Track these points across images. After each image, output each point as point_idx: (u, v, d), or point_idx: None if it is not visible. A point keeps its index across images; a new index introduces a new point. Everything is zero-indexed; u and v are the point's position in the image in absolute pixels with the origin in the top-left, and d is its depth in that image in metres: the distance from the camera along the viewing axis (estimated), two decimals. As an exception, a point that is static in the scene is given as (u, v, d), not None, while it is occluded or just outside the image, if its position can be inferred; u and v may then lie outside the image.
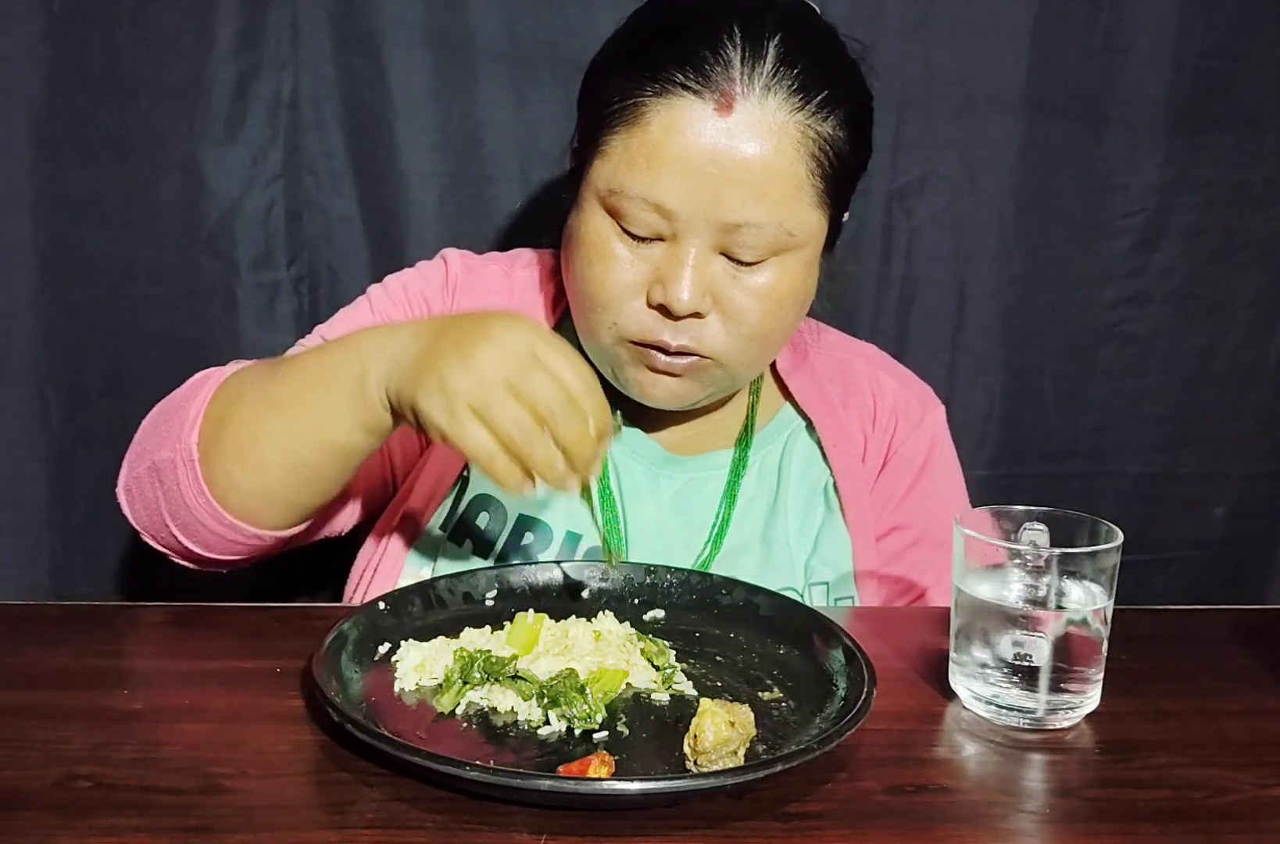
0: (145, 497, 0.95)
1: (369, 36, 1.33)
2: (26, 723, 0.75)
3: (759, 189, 0.94)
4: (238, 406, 0.91)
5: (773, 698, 0.81)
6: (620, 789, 0.65)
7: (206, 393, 0.93)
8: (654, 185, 0.94)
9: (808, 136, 0.95)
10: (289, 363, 0.93)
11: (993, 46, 1.39)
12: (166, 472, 0.92)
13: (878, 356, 1.21)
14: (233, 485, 0.90)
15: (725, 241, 0.95)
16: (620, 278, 0.97)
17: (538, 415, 0.80)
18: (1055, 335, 1.49)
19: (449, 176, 1.38)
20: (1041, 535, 0.82)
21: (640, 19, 1.02)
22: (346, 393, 0.87)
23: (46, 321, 1.36)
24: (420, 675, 0.81)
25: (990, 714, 0.79)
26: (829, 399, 1.14)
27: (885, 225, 1.44)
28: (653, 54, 0.95)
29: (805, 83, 0.94)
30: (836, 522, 1.12)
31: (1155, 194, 1.45)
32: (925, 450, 1.16)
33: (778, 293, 0.98)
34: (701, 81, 0.93)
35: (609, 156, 0.97)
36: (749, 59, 0.93)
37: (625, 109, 0.95)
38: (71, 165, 1.33)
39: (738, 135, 0.93)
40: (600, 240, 0.98)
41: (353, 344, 0.90)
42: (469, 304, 1.10)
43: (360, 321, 1.07)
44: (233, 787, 0.69)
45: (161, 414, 0.97)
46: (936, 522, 1.11)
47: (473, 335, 0.82)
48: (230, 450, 0.90)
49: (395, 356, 0.85)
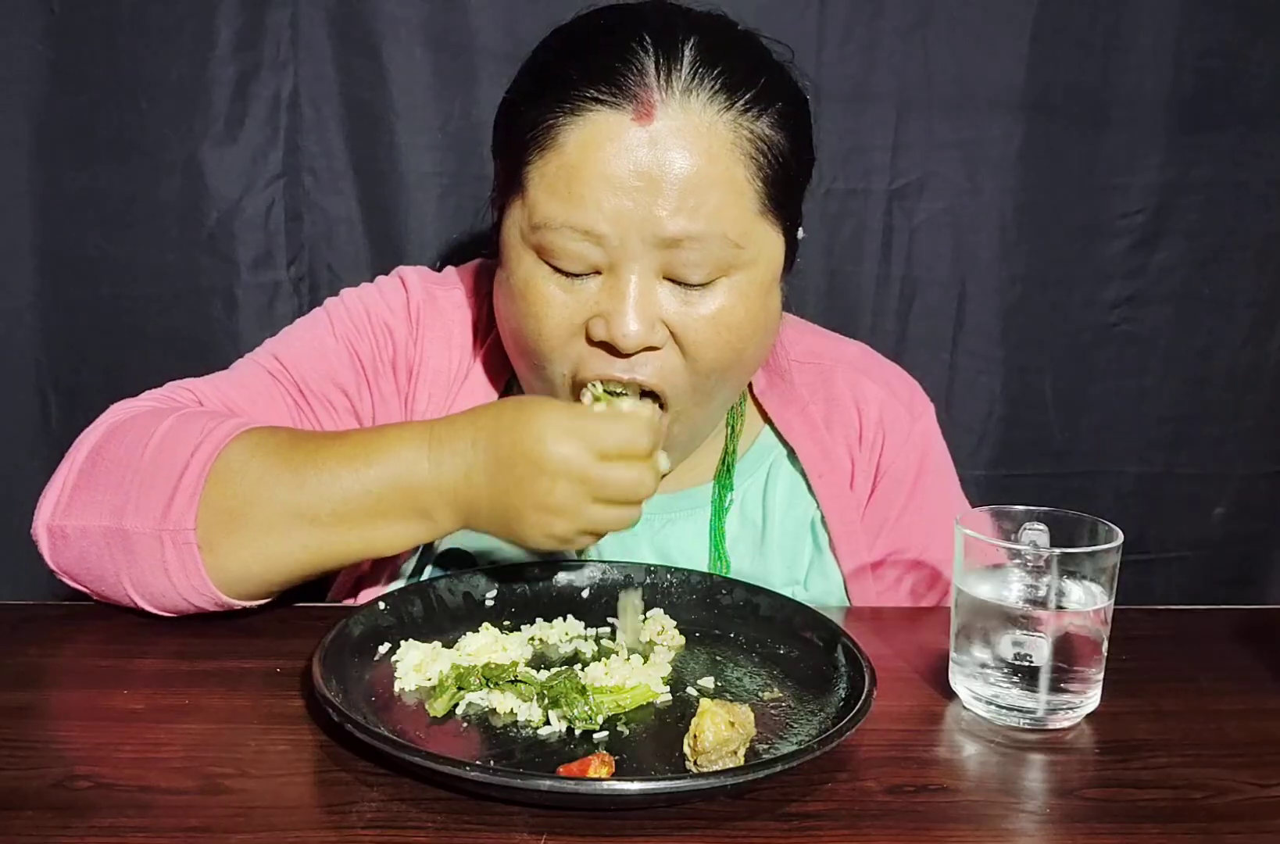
0: (91, 554, 0.87)
1: (369, 36, 1.33)
2: (26, 723, 0.75)
3: (695, 198, 0.86)
4: (252, 504, 0.84)
5: (773, 698, 0.81)
6: (620, 789, 0.65)
7: (197, 469, 0.85)
8: (578, 210, 0.86)
9: (740, 136, 0.88)
10: (312, 466, 0.85)
11: (993, 46, 1.40)
12: (141, 545, 0.85)
13: (860, 359, 1.13)
14: (246, 576, 0.86)
15: (667, 261, 0.88)
16: (561, 323, 0.90)
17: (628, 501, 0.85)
18: (1055, 335, 1.49)
19: (449, 176, 1.38)
20: (1041, 535, 0.82)
21: (545, 47, 0.96)
22: (413, 526, 0.86)
23: (46, 321, 1.37)
24: (420, 675, 0.81)
25: (990, 714, 0.79)
26: (811, 421, 1.08)
27: (885, 225, 1.44)
28: (561, 75, 0.89)
29: (728, 82, 0.87)
30: (826, 558, 1.07)
31: (1155, 194, 1.45)
32: (916, 464, 1.09)
33: (734, 320, 0.90)
34: (615, 92, 0.86)
35: (527, 191, 0.90)
36: (665, 62, 0.86)
37: (538, 136, 0.88)
38: (71, 165, 1.33)
39: (662, 143, 0.86)
40: (531, 285, 0.90)
41: (387, 464, 0.85)
42: (435, 340, 1.03)
43: (322, 346, 1.02)
44: (233, 787, 0.69)
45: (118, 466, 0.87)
46: (934, 539, 1.06)
47: (533, 475, 0.82)
48: (247, 547, 0.85)
49: (461, 498, 0.85)
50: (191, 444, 0.86)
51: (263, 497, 0.84)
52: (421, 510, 0.85)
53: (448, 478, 0.84)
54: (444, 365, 1.03)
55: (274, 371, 1.00)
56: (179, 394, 0.97)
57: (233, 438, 0.87)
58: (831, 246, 1.43)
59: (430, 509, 0.85)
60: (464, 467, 0.84)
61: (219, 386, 0.99)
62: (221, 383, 1.00)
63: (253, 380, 1.00)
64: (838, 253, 1.43)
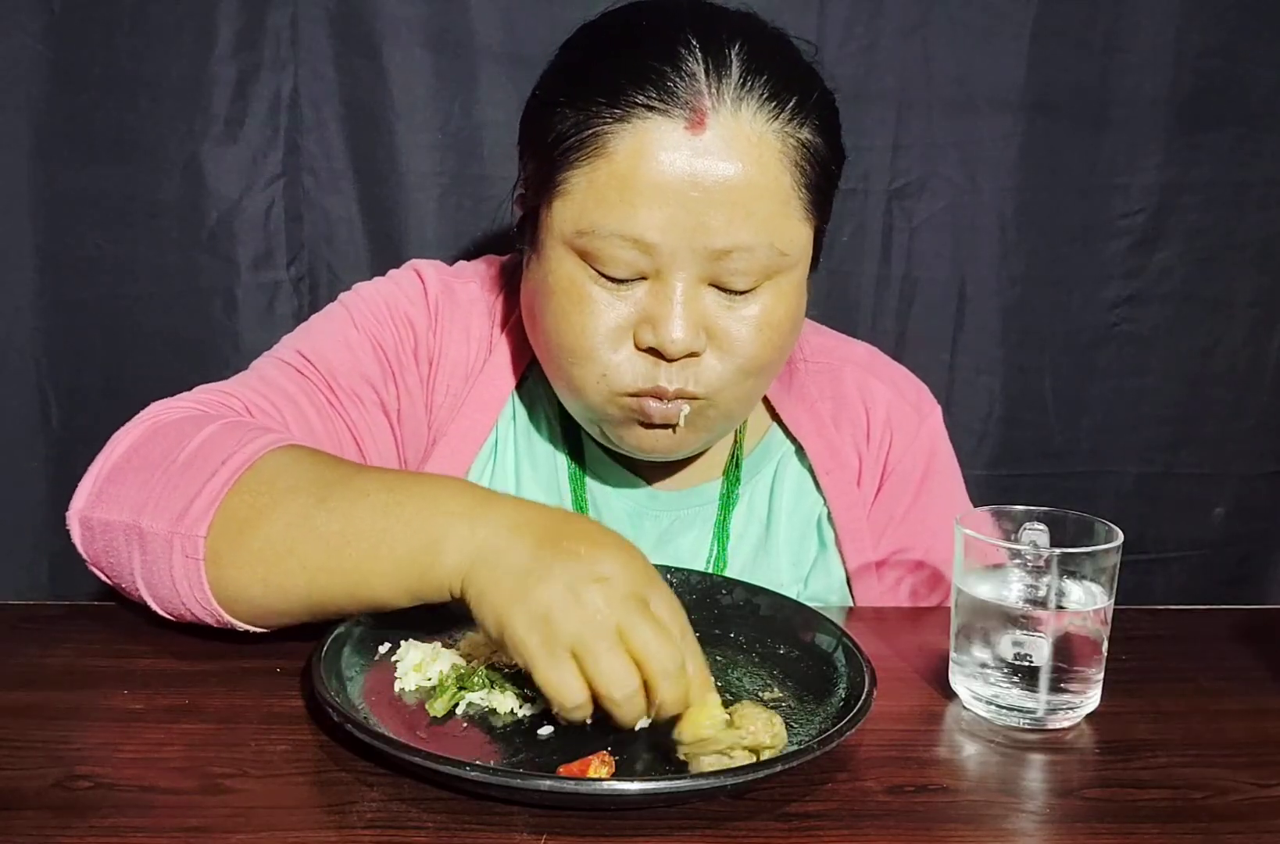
0: (113, 547, 0.85)
1: (369, 36, 1.33)
2: (26, 723, 0.75)
3: (745, 209, 0.87)
4: (270, 521, 0.79)
5: (773, 698, 0.81)
6: (620, 789, 0.65)
7: (225, 476, 0.81)
8: (630, 219, 0.86)
9: (788, 145, 0.88)
10: (343, 487, 0.80)
11: (993, 46, 1.40)
12: (154, 546, 0.82)
13: (868, 359, 1.14)
14: (242, 597, 0.81)
15: (714, 271, 0.88)
16: (603, 325, 0.90)
17: (641, 669, 0.71)
18: (1055, 335, 1.49)
19: (449, 176, 1.38)
20: (1041, 535, 0.82)
21: (579, 45, 0.94)
22: (413, 566, 0.76)
23: (46, 321, 1.37)
24: (420, 675, 0.81)
25: (990, 714, 0.79)
26: (819, 418, 1.08)
27: (885, 225, 1.44)
28: (604, 77, 0.87)
29: (776, 89, 0.88)
30: (830, 556, 1.08)
31: (1155, 194, 1.45)
32: (923, 464, 1.10)
33: (774, 320, 0.91)
34: (667, 99, 0.85)
35: (571, 196, 0.89)
36: (714, 70, 0.86)
37: (584, 141, 0.87)
38: (71, 165, 1.33)
39: (715, 153, 0.86)
40: (575, 287, 0.90)
41: (427, 501, 0.78)
42: (454, 331, 1.03)
43: (346, 340, 1.01)
44: (233, 787, 0.68)
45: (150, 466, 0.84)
46: (939, 540, 1.06)
47: (585, 566, 0.72)
48: (253, 565, 0.79)
49: (485, 555, 0.74)
50: (226, 452, 0.83)
51: (279, 507, 0.80)
52: (431, 548, 0.76)
53: (485, 530, 0.75)
54: (462, 357, 1.03)
55: (303, 369, 0.99)
56: (223, 399, 0.94)
57: (269, 450, 0.84)
58: (831, 246, 1.43)
59: (442, 549, 0.75)
60: (508, 527, 0.75)
61: (256, 389, 0.96)
62: (257, 385, 0.97)
63: (286, 382, 0.98)
64: (838, 253, 1.43)
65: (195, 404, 0.93)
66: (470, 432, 1.03)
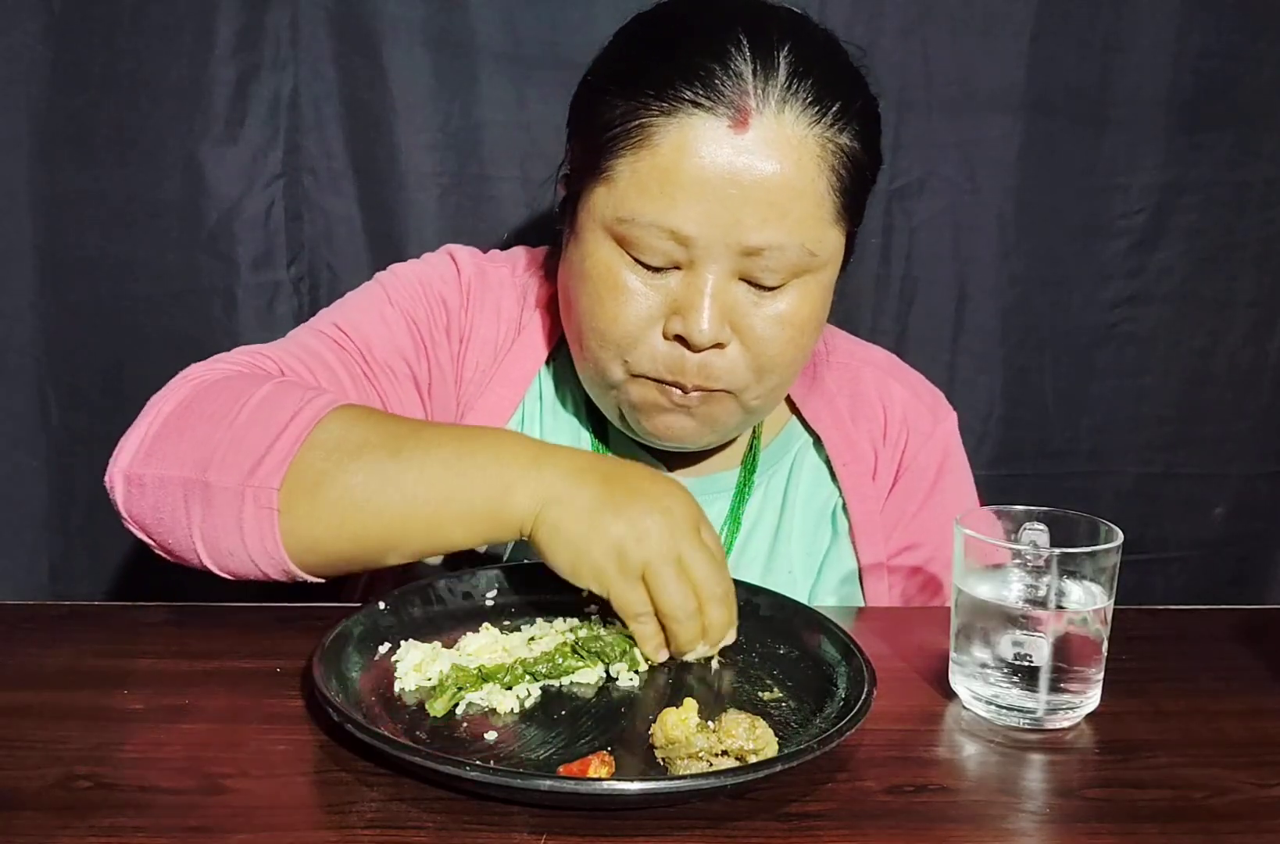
0: (166, 504, 0.86)
1: (369, 36, 1.33)
2: (26, 723, 0.75)
3: (780, 209, 0.89)
4: (348, 473, 0.84)
5: (773, 698, 0.81)
6: (620, 789, 0.65)
7: (296, 432, 0.85)
8: (669, 211, 0.89)
9: (827, 150, 0.91)
10: (414, 440, 0.86)
11: (993, 46, 1.40)
12: (222, 500, 0.84)
13: (887, 363, 1.18)
14: (315, 548, 0.85)
15: (746, 266, 0.91)
16: (635, 312, 0.93)
17: (698, 595, 0.81)
18: (1055, 335, 1.49)
19: (449, 176, 1.38)
20: (1041, 535, 0.82)
21: (633, 34, 0.97)
22: (487, 511, 0.83)
23: (46, 321, 1.37)
24: (420, 675, 0.81)
25: (990, 714, 0.79)
26: (838, 413, 1.11)
27: (885, 225, 1.44)
28: (655, 70, 0.90)
29: (820, 94, 0.90)
30: (843, 547, 1.09)
31: (1155, 194, 1.45)
32: (937, 463, 1.13)
33: (799, 318, 0.94)
34: (713, 97, 0.88)
35: (615, 183, 0.91)
36: (761, 71, 0.88)
37: (630, 131, 0.90)
38: (71, 165, 1.33)
39: (755, 153, 0.88)
40: (610, 273, 0.93)
41: (495, 451, 0.85)
42: (485, 310, 1.07)
43: (382, 315, 1.04)
44: (233, 787, 0.69)
45: (208, 421, 0.87)
46: (949, 539, 1.07)
47: (643, 502, 0.82)
48: (328, 516, 0.84)
49: (557, 496, 0.82)
50: (291, 409, 0.87)
51: (354, 460, 0.84)
52: (502, 493, 0.83)
53: (551, 472, 0.83)
54: (492, 335, 1.07)
55: (340, 340, 1.02)
56: (261, 361, 0.97)
57: (333, 408, 0.88)
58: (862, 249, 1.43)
59: (514, 493, 0.83)
60: (569, 470, 0.84)
61: (295, 354, 0.99)
62: (296, 350, 0.99)
63: (323, 350, 1.01)
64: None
65: (235, 365, 0.96)
66: (497, 406, 1.06)
